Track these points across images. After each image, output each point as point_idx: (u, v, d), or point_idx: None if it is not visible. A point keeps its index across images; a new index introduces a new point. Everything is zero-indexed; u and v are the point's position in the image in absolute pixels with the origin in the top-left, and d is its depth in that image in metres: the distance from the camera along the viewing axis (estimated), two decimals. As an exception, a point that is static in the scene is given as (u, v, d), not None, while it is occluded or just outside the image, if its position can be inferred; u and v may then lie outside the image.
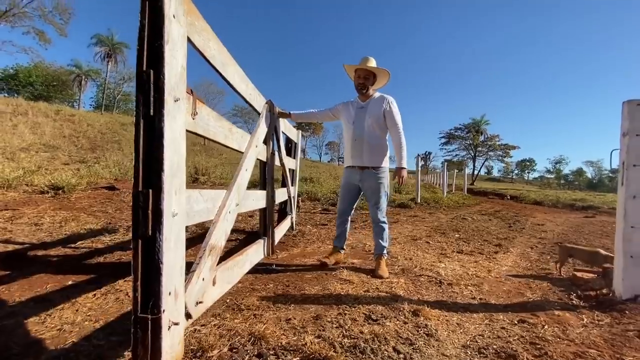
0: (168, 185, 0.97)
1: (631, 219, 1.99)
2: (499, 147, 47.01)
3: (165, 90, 0.96)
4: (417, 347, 1.38)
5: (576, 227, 5.96)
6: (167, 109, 0.97)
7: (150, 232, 0.94)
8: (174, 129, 1.01)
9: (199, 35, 1.25)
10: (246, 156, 1.90)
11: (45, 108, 16.58)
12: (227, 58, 1.60)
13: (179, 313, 1.06)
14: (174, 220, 1.01)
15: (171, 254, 0.99)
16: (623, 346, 1.48)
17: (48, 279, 2.08)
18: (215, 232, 1.43)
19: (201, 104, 1.32)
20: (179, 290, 1.06)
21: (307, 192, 8.12)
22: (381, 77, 2.63)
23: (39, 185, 5.26)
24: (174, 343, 1.01)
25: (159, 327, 0.93)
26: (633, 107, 2.00)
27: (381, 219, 2.58)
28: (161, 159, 0.95)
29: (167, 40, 0.97)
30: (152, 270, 0.94)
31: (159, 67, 0.95)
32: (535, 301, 2.05)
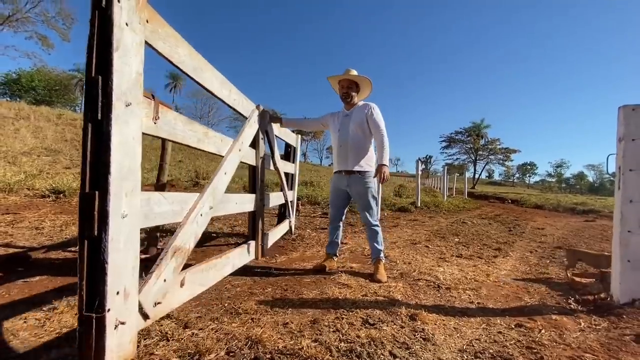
0: (116, 188, 1.00)
1: (628, 224, 2.00)
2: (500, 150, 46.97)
3: (114, 95, 1.00)
4: (413, 351, 1.39)
5: (576, 231, 5.95)
6: (115, 114, 1.00)
7: (95, 232, 0.96)
8: (126, 133, 1.05)
9: (163, 42, 1.29)
10: (226, 159, 1.93)
11: (47, 112, 16.66)
12: (202, 64, 1.63)
13: (129, 313, 1.08)
14: (123, 222, 1.04)
15: (119, 255, 1.02)
16: (619, 350, 1.48)
17: (48, 282, 2.09)
18: (182, 234, 1.45)
19: (166, 108, 1.35)
20: (131, 290, 1.08)
21: (307, 195, 8.13)
22: (364, 86, 2.73)
23: (40, 189, 5.28)
24: (122, 342, 1.04)
25: (103, 326, 0.96)
26: (628, 112, 2.02)
27: (372, 222, 2.61)
28: (108, 162, 0.98)
29: (117, 48, 1.01)
30: (97, 270, 0.97)
31: (107, 73, 0.99)
32: (533, 305, 2.05)
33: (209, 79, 1.72)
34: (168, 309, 1.37)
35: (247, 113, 2.33)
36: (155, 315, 1.27)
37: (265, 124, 2.63)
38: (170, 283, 1.36)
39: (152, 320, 1.26)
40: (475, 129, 47.10)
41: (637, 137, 1.99)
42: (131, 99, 1.07)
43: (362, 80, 2.68)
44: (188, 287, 1.52)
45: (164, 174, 2.93)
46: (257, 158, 2.52)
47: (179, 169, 11.00)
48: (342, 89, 2.66)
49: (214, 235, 3.91)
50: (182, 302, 1.51)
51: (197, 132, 1.64)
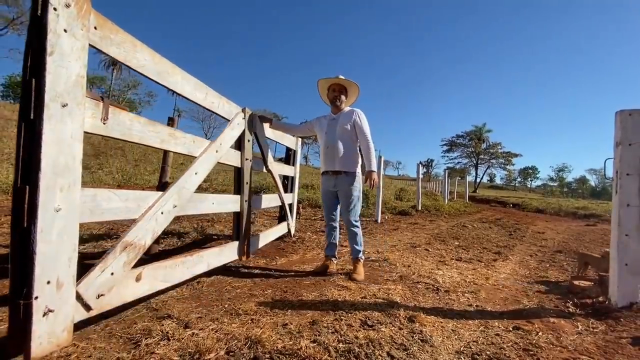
0: (47, 183, 1.06)
1: (625, 227, 2.01)
2: (501, 154, 46.94)
3: (47, 96, 1.06)
4: (411, 353, 1.41)
5: (577, 235, 5.95)
6: (48, 114, 1.06)
7: (25, 224, 1.02)
8: (62, 131, 1.11)
9: (117, 47, 1.36)
10: (197, 160, 1.99)
11: (51, 115, 16.79)
12: (168, 67, 1.68)
13: (63, 302, 1.13)
14: (57, 215, 1.09)
15: (51, 246, 1.07)
16: (615, 353, 1.49)
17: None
18: (135, 230, 1.50)
19: (119, 110, 1.41)
20: (65, 281, 1.13)
21: (308, 198, 8.15)
22: (352, 93, 2.84)
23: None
24: (54, 330, 1.08)
25: (30, 313, 1.01)
26: (625, 117, 2.04)
27: (353, 222, 2.65)
28: (38, 159, 1.04)
29: (52, 52, 1.07)
30: (26, 260, 1.02)
31: (40, 76, 1.05)
32: (531, 308, 2.06)
33: (177, 82, 1.77)
34: (118, 302, 1.41)
35: (230, 116, 2.39)
36: (100, 306, 1.32)
37: (254, 126, 2.69)
38: (119, 277, 1.40)
39: (97, 312, 1.30)
40: (476, 132, 47.11)
41: (634, 142, 2.01)
42: (69, 100, 1.13)
43: (352, 87, 2.80)
44: (147, 281, 1.57)
45: (165, 176, 2.97)
46: (242, 160, 2.57)
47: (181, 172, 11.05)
48: (334, 93, 2.74)
49: (215, 237, 3.93)
50: (140, 296, 1.56)
51: (159, 133, 1.68)
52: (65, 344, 1.13)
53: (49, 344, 1.06)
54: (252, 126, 2.67)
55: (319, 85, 2.85)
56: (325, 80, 2.79)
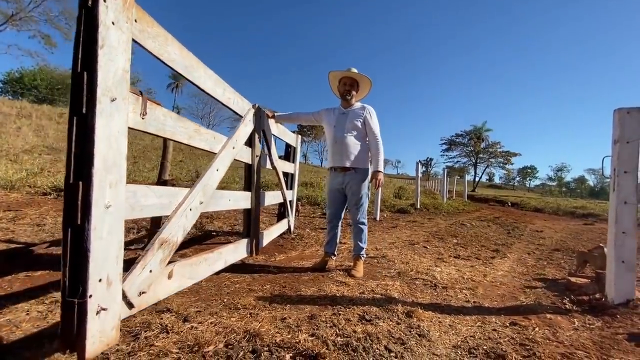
0: (99, 179, 1.04)
1: (622, 225, 2.02)
2: (501, 154, 46.99)
3: (99, 90, 1.04)
4: (408, 347, 1.42)
5: (575, 234, 5.97)
6: (100, 108, 1.04)
7: (79, 221, 1.00)
8: (111, 126, 1.09)
9: (153, 41, 1.33)
10: (218, 157, 1.97)
11: (49, 111, 16.72)
12: (194, 62, 1.67)
13: (112, 300, 1.11)
14: (107, 212, 1.08)
15: (102, 243, 1.06)
16: (611, 348, 1.51)
17: (50, 276, 2.12)
18: (169, 227, 1.49)
19: (154, 105, 1.39)
20: (114, 278, 1.12)
21: (307, 196, 8.15)
22: (363, 86, 2.76)
23: (41, 186, 5.32)
24: (104, 328, 1.07)
25: (84, 312, 0.99)
26: (623, 115, 2.05)
27: (361, 219, 2.65)
28: (92, 154, 1.02)
29: (102, 45, 1.05)
30: (80, 258, 1.01)
31: (92, 69, 1.04)
32: (529, 305, 2.08)
33: (201, 77, 1.76)
34: (154, 300, 1.40)
35: (243, 112, 2.37)
36: (140, 304, 1.30)
37: (262, 123, 2.66)
38: (156, 274, 1.39)
39: (137, 309, 1.29)
40: (476, 131, 47.13)
41: (632, 140, 2.02)
42: (117, 94, 1.11)
43: (364, 81, 2.72)
44: (176, 279, 1.56)
45: (165, 172, 2.96)
46: (252, 156, 2.56)
47: (180, 169, 11.03)
48: (345, 86, 2.68)
49: (214, 234, 3.94)
50: (170, 294, 1.54)
51: (187, 129, 1.68)
52: (113, 342, 1.11)
53: (100, 343, 1.05)
54: (261, 122, 2.66)
55: (329, 77, 2.78)
56: (336, 73, 2.73)
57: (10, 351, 1.24)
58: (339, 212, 2.77)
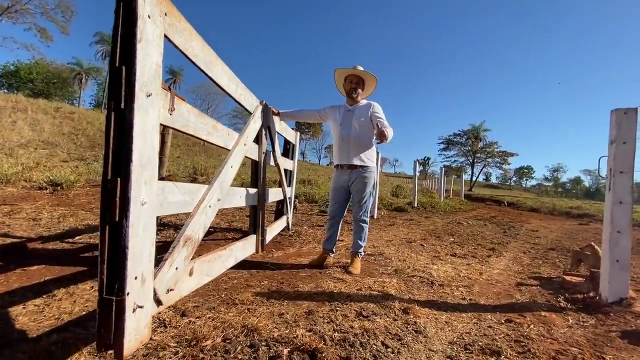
0: (136, 175, 1.03)
1: (617, 224, 2.04)
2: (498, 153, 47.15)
3: (137, 85, 1.02)
4: (405, 343, 1.43)
5: (570, 233, 6.03)
6: (137, 103, 1.03)
7: (117, 218, 0.99)
8: (146, 122, 1.08)
9: (179, 35, 1.31)
10: (232, 153, 1.96)
11: (45, 105, 16.58)
12: (213, 58, 1.66)
13: (146, 297, 1.11)
14: (142, 209, 1.07)
15: (138, 240, 1.05)
16: (604, 345, 1.53)
17: (46, 271, 2.11)
18: (192, 224, 1.48)
19: (180, 101, 1.38)
20: (147, 276, 1.11)
21: (304, 194, 8.15)
22: (369, 84, 2.76)
23: (37, 181, 5.28)
24: (139, 326, 1.07)
25: (122, 309, 0.98)
26: (620, 115, 2.07)
27: (363, 217, 2.65)
28: (130, 150, 1.01)
29: (140, 39, 1.03)
30: (118, 255, 1.00)
31: (130, 63, 1.02)
32: (524, 303, 2.10)
33: (219, 73, 1.75)
34: (178, 297, 1.39)
35: (252, 108, 2.36)
36: (168, 301, 1.30)
37: (268, 119, 2.65)
38: (181, 271, 1.38)
39: (165, 307, 1.28)
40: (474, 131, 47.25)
41: (628, 140, 2.04)
42: (152, 89, 1.10)
43: (370, 78, 2.72)
44: (196, 276, 1.55)
45: (163, 167, 2.96)
46: (259, 153, 2.55)
47: (177, 165, 10.99)
48: (351, 84, 2.67)
49: (211, 230, 3.93)
50: (191, 291, 1.54)
51: (207, 125, 1.67)
52: (146, 340, 1.11)
53: (135, 341, 1.04)
54: (267, 119, 2.64)
55: (335, 74, 2.77)
56: (342, 70, 2.72)
57: (7, 344, 1.24)
58: (341, 209, 2.77)
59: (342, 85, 2.78)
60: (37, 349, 1.19)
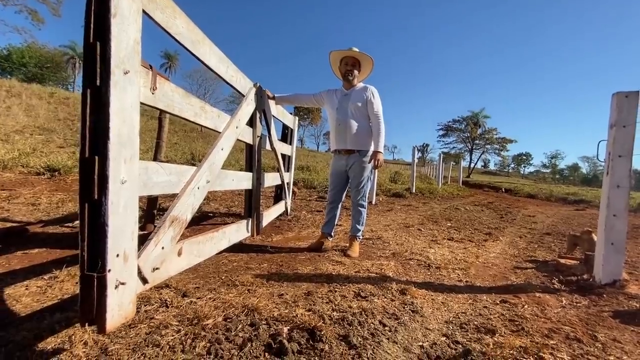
0: (115, 153, 1.02)
1: (614, 208, 2.06)
2: (497, 140, 47.01)
3: (112, 62, 1.00)
4: (402, 322, 1.46)
5: (566, 219, 6.09)
6: (114, 81, 1.01)
7: (96, 196, 0.99)
8: (124, 100, 1.06)
9: (161, 12, 1.28)
10: (222, 136, 1.95)
11: (39, 90, 16.31)
12: (200, 37, 1.62)
13: (129, 275, 1.12)
14: (122, 187, 1.07)
15: (119, 218, 1.05)
16: (597, 324, 1.57)
17: (47, 254, 2.13)
18: (179, 205, 1.49)
19: (163, 80, 1.35)
20: (130, 254, 1.12)
21: (303, 180, 8.16)
22: (365, 66, 2.71)
23: (34, 166, 5.25)
24: (122, 302, 1.09)
25: (104, 285, 1.00)
26: (621, 98, 2.06)
27: (361, 201, 2.66)
28: (107, 128, 1.00)
29: (115, 14, 1.01)
30: (98, 232, 1.01)
31: (105, 39, 0.99)
32: (519, 284, 2.14)
33: (206, 53, 1.71)
34: (166, 276, 1.41)
35: (245, 91, 2.33)
36: (154, 280, 1.31)
37: (263, 102, 2.62)
38: (167, 251, 1.40)
39: (151, 285, 1.30)
40: (473, 117, 46.95)
41: (628, 124, 2.03)
42: (129, 66, 1.08)
43: (366, 60, 2.67)
44: (185, 256, 1.57)
45: (161, 152, 2.94)
46: (254, 137, 2.53)
47: (175, 151, 10.92)
48: (346, 66, 2.63)
49: (211, 215, 3.95)
50: (180, 271, 1.55)
51: (194, 106, 1.64)
52: (131, 316, 1.13)
53: (119, 317, 1.06)
54: (262, 102, 2.61)
55: (330, 57, 2.72)
56: (337, 52, 2.67)
57: (11, 323, 1.26)
58: (340, 194, 2.78)
59: (337, 68, 2.75)
60: (40, 327, 1.22)
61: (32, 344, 1.12)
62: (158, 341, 1.17)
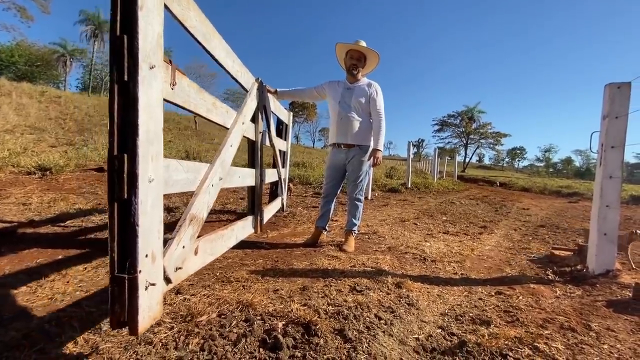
0: (143, 151, 0.99)
1: (607, 199, 2.08)
2: (491, 135, 47.29)
3: (140, 56, 0.97)
4: (397, 315, 1.46)
5: (560, 211, 6.15)
6: (142, 76, 0.98)
7: (125, 195, 0.96)
8: (150, 95, 1.03)
9: (178, 4, 1.24)
10: (231, 132, 1.92)
11: (30, 89, 16.04)
12: (211, 30, 1.58)
13: (157, 275, 1.10)
14: (150, 186, 1.04)
15: (147, 218, 1.03)
16: (590, 314, 1.58)
17: (38, 254, 2.09)
18: (197, 203, 1.46)
19: (181, 75, 1.32)
20: (157, 254, 1.10)
21: (299, 176, 8.14)
22: (371, 60, 2.69)
23: (25, 166, 5.16)
24: (152, 303, 1.06)
25: (135, 287, 0.97)
26: (614, 90, 2.06)
27: (358, 196, 2.66)
28: (136, 124, 0.96)
29: (141, 7, 0.97)
30: (128, 233, 0.98)
31: (132, 33, 0.96)
32: (513, 276, 2.15)
33: (217, 47, 1.68)
34: (185, 275, 1.39)
35: (248, 86, 2.29)
36: (176, 280, 1.29)
37: (264, 98, 2.58)
38: (187, 250, 1.38)
39: (174, 285, 1.28)
40: (468, 112, 47.14)
41: (620, 115, 2.04)
42: (154, 61, 1.04)
43: (372, 55, 2.65)
44: (200, 255, 1.54)
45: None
46: (256, 133, 2.50)
47: (169, 149, 10.82)
48: (352, 60, 2.61)
49: (206, 212, 3.92)
50: (196, 269, 1.53)
51: (206, 102, 1.61)
52: (158, 317, 1.10)
53: (148, 318, 1.04)
54: (263, 98, 2.56)
55: (336, 48, 2.70)
56: (344, 45, 2.65)
57: (0, 323, 1.24)
58: (335, 188, 2.77)
59: (343, 60, 2.72)
60: (30, 327, 1.19)
61: (21, 344, 1.10)
62: (151, 339, 1.15)
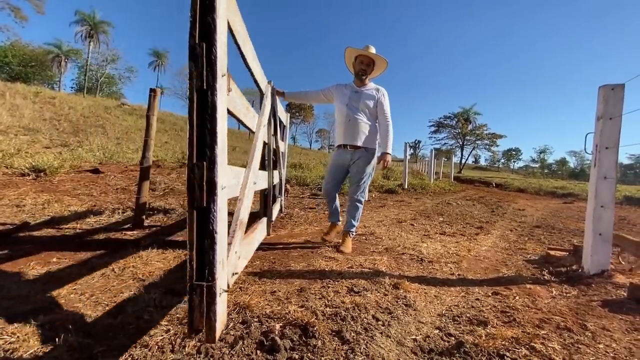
0: (221, 159, 1.00)
1: (601, 199, 2.09)
2: (487, 136, 47.56)
3: (217, 64, 0.97)
4: (395, 315, 1.46)
5: (555, 212, 6.19)
6: (219, 84, 0.99)
7: (205, 203, 0.96)
8: (222, 103, 1.03)
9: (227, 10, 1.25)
10: (257, 136, 1.93)
11: (24, 89, 15.90)
12: (246, 35, 1.59)
13: (225, 282, 1.11)
14: (222, 192, 1.05)
15: (222, 225, 1.03)
16: (586, 314, 1.59)
17: (32, 256, 2.07)
18: (242, 209, 1.48)
19: (232, 81, 1.32)
20: (225, 260, 1.10)
21: (296, 177, 8.13)
22: (379, 66, 2.74)
23: (19, 167, 5.11)
24: (223, 310, 1.07)
25: (213, 294, 0.98)
26: (608, 91, 2.08)
27: (359, 197, 2.68)
28: (214, 132, 0.97)
29: (218, 15, 0.97)
30: (207, 240, 0.98)
31: (210, 40, 0.96)
32: (510, 276, 2.16)
33: (249, 51, 1.69)
34: (235, 279, 1.38)
35: (263, 88, 2.29)
36: (232, 284, 1.30)
37: (274, 100, 2.59)
38: (238, 255, 1.38)
39: (229, 290, 1.29)
40: (464, 113, 47.40)
41: (614, 116, 2.06)
42: (225, 69, 1.05)
43: (381, 62, 2.70)
44: (241, 259, 1.54)
45: (149, 150, 2.89)
46: (269, 135, 2.49)
47: (165, 150, 10.77)
48: (361, 65, 2.65)
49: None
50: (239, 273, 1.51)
51: (243, 106, 1.61)
52: (225, 322, 1.11)
53: (221, 324, 1.04)
54: (274, 100, 2.57)
55: (346, 53, 2.73)
56: (354, 50, 2.68)
57: (-8, 327, 1.22)
58: (337, 186, 2.81)
59: (352, 64, 2.76)
60: (23, 331, 1.17)
61: (14, 348, 1.08)
62: (146, 342, 1.14)
